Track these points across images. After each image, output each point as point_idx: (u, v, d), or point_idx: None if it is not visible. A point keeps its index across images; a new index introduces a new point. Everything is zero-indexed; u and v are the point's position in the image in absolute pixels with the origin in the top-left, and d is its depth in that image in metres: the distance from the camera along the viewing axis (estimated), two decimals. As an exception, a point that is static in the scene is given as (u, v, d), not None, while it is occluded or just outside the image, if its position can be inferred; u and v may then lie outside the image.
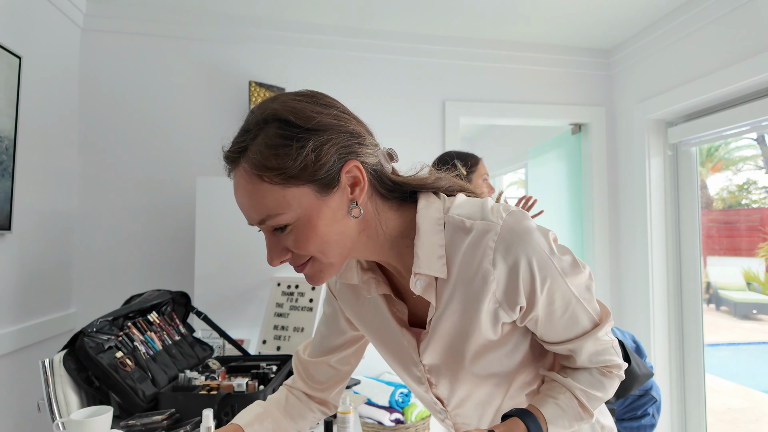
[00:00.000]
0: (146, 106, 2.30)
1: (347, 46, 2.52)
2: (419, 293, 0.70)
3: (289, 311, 1.82)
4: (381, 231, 0.70)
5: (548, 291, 0.68)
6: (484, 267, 0.66)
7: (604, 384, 0.75)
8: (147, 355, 1.30)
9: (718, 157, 6.83)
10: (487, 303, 0.68)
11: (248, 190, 0.64)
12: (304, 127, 0.63)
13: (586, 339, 0.73)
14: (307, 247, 0.65)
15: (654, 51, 2.48)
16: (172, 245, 2.27)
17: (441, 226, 0.69)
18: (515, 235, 0.66)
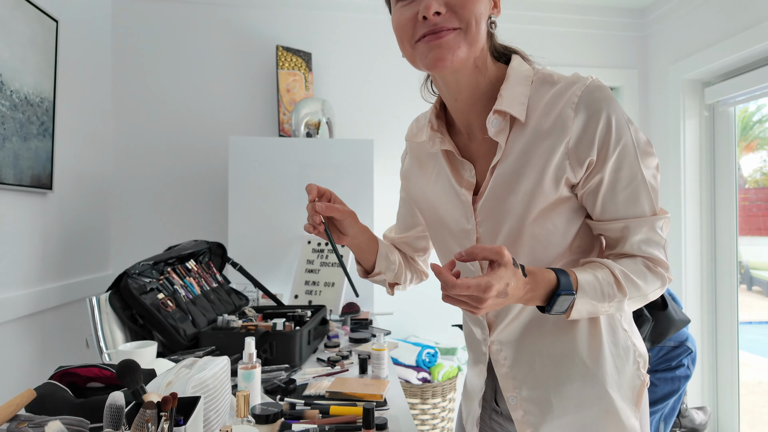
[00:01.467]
0: (176, 69, 2.34)
1: (372, 9, 2.50)
2: (492, 134, 0.73)
3: (319, 267, 1.85)
4: (485, 69, 0.76)
5: (619, 154, 0.70)
6: (566, 112, 0.69)
7: (646, 275, 0.72)
8: (186, 298, 1.34)
9: (753, 136, 6.58)
10: (558, 153, 0.70)
11: None
12: None
13: (643, 222, 0.72)
14: (469, 7, 0.68)
15: (690, 8, 2.39)
16: (206, 205, 2.32)
17: (529, 81, 0.74)
18: (602, 92, 0.69)
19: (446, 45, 0.68)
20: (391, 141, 2.50)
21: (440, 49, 0.68)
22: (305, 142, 2.08)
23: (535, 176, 0.71)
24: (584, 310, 0.69)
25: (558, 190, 0.71)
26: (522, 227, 0.73)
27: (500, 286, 0.61)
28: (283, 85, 2.36)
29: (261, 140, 2.05)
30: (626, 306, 0.72)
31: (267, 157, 2.02)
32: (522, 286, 0.65)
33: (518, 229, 0.73)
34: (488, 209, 0.76)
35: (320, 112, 2.25)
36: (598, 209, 0.73)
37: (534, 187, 0.71)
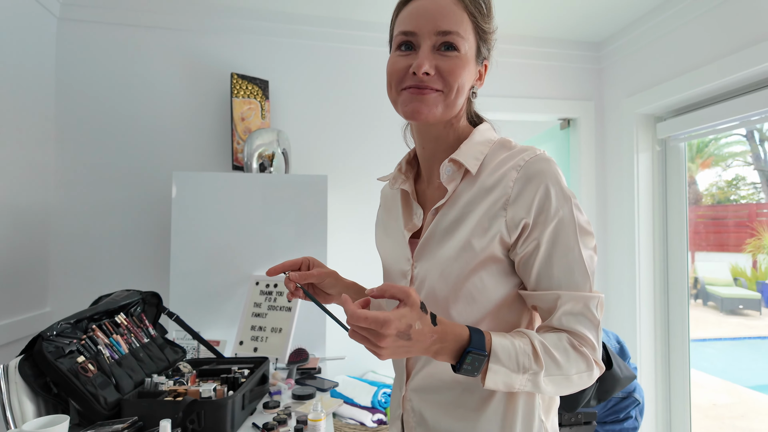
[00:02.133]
0: (124, 98, 2.22)
1: (334, 38, 2.46)
2: (443, 180, 0.78)
3: (267, 311, 1.76)
4: (457, 124, 0.83)
5: (557, 225, 0.72)
6: (510, 173, 0.74)
7: (568, 352, 0.70)
8: (111, 360, 1.24)
9: (708, 153, 6.85)
10: (496, 209, 0.73)
11: (452, 9, 0.76)
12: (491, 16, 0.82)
13: (576, 296, 0.72)
14: (454, 74, 0.75)
15: (643, 44, 2.44)
16: (149, 241, 2.20)
17: (490, 143, 0.81)
18: (548, 164, 0.73)
19: (426, 102, 0.76)
20: (346, 176, 2.45)
21: (420, 104, 0.76)
22: (255, 177, 2.00)
23: (471, 227, 0.74)
24: (499, 380, 0.67)
25: (491, 244, 0.73)
26: (454, 275, 0.75)
27: (400, 325, 0.61)
28: (238, 114, 2.28)
29: (206, 175, 1.96)
30: (543, 383, 0.69)
31: (214, 192, 1.93)
32: (428, 333, 0.64)
33: (450, 276, 0.75)
34: (424, 252, 0.79)
35: (275, 143, 2.18)
36: (533, 277, 0.74)
37: (469, 237, 0.74)
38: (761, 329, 5.55)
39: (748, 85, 2.01)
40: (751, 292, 5.99)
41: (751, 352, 5.42)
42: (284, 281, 0.87)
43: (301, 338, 1.81)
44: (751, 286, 6.06)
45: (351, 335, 0.63)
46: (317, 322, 1.90)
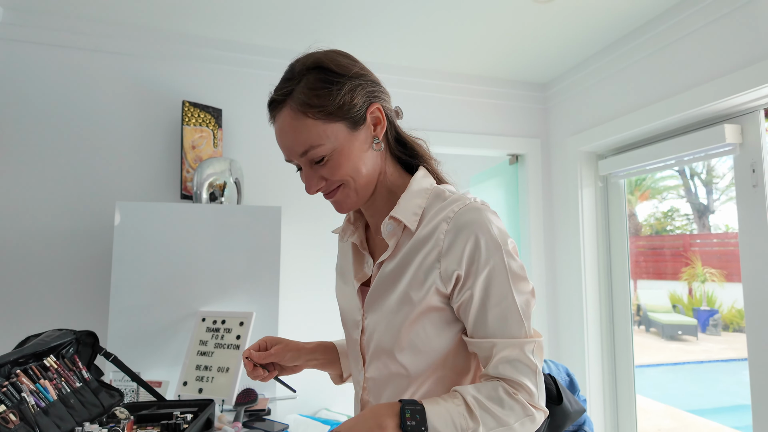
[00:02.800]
0: (66, 123, 2.12)
1: (287, 69, 2.46)
2: (385, 236, 0.79)
3: (213, 349, 1.68)
4: (385, 178, 0.83)
5: (489, 274, 0.73)
6: (441, 225, 0.75)
7: (503, 401, 0.71)
8: (37, 408, 1.14)
9: (646, 186, 7.30)
10: (430, 261, 0.74)
11: (293, 126, 0.75)
12: (340, 73, 0.77)
13: (511, 343, 0.72)
14: (340, 172, 0.77)
15: (585, 87, 2.59)
16: (88, 275, 2.07)
17: (427, 194, 0.81)
18: (478, 214, 0.74)
19: (338, 200, 0.81)
20: (301, 209, 2.42)
21: (335, 204, 0.82)
22: (204, 207, 1.94)
23: (410, 278, 0.76)
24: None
25: (428, 296, 0.75)
26: (396, 326, 0.77)
27: None
28: (188, 142, 2.23)
29: (152, 205, 1.88)
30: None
31: (160, 222, 1.85)
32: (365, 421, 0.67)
33: (393, 327, 0.77)
34: (373, 303, 0.81)
35: (227, 172, 2.13)
36: (470, 325, 0.75)
37: (408, 289, 0.76)
38: (698, 354, 5.84)
39: (681, 126, 2.17)
40: (688, 318, 6.33)
41: (690, 376, 5.68)
42: (243, 362, 0.88)
43: (249, 378, 1.73)
44: (688, 312, 6.41)
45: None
46: (268, 359, 1.82)
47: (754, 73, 1.72)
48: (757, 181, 1.85)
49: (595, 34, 2.26)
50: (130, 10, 2.07)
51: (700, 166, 5.40)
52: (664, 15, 2.06)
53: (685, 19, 1.99)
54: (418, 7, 2.03)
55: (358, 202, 0.81)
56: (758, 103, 1.85)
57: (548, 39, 2.32)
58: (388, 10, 2.06)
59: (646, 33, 2.16)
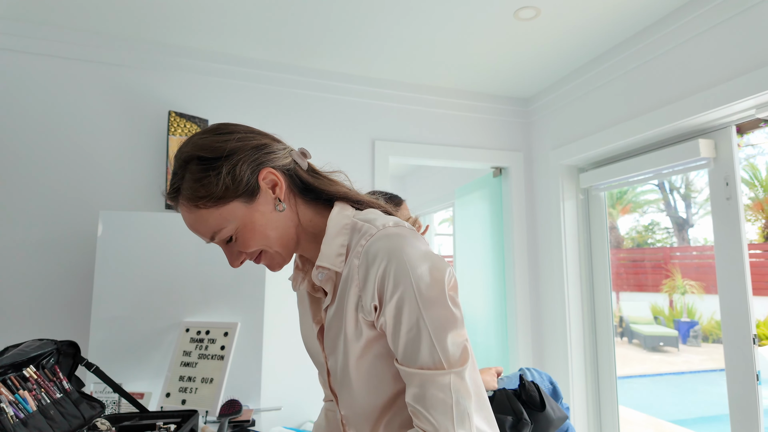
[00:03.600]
0: (52, 132, 2.10)
1: (276, 81, 2.49)
2: (320, 284, 0.79)
3: (197, 360, 1.67)
4: (303, 226, 0.84)
5: (398, 301, 0.71)
6: (353, 262, 0.75)
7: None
8: (16, 419, 1.12)
9: (627, 200, 7.43)
10: (354, 297, 0.75)
11: (192, 218, 0.77)
12: (214, 157, 0.76)
13: (421, 375, 0.69)
14: (252, 244, 0.78)
15: (567, 102, 2.66)
16: (69, 284, 2.04)
17: (347, 229, 0.79)
18: (386, 241, 0.73)
19: (265, 263, 0.83)
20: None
21: (267, 266, 0.84)
22: (191, 217, 1.93)
23: (347, 317, 0.76)
24: None
25: (362, 332, 0.76)
26: (349, 365, 0.77)
27: None
28: (174, 152, 2.22)
29: (136, 215, 1.87)
30: None
31: (144, 232, 1.84)
32: None
33: (348, 366, 0.77)
34: (328, 345, 0.82)
35: (212, 182, 2.13)
36: (392, 351, 0.76)
37: (347, 327, 0.76)
38: (679, 365, 5.92)
39: (660, 141, 2.24)
40: (669, 330, 6.43)
41: (671, 387, 5.75)
42: None
43: (233, 389, 1.72)
44: (669, 323, 6.52)
45: None
46: (251, 371, 1.81)
47: (727, 91, 1.80)
48: (731, 194, 1.91)
49: (575, 51, 2.33)
50: (118, 21, 2.07)
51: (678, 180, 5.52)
52: (641, 33, 2.14)
53: (661, 38, 2.07)
54: (405, 24, 2.08)
55: (285, 258, 0.83)
56: (731, 119, 1.92)
57: (530, 55, 2.38)
58: (374, 25, 2.10)
59: (625, 51, 2.23)
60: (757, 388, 1.80)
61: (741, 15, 1.76)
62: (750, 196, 5.09)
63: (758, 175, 5.08)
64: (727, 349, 1.91)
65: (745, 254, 1.85)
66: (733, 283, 1.88)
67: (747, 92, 1.73)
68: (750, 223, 5.02)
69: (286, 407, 2.12)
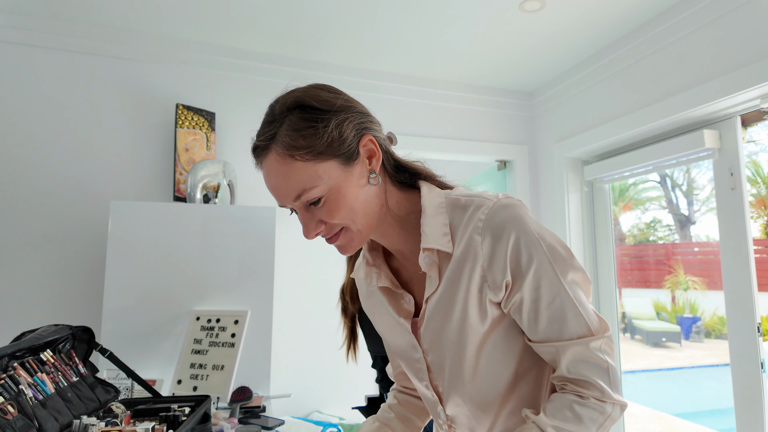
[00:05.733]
0: (60, 124, 2.13)
1: (282, 75, 2.50)
2: (425, 269, 0.73)
3: (208, 347, 1.69)
4: (390, 208, 0.77)
5: (535, 273, 0.68)
6: (474, 238, 0.70)
7: (580, 416, 0.67)
8: (35, 400, 1.14)
9: (629, 197, 7.42)
10: (477, 278, 0.70)
11: (282, 171, 0.69)
12: (324, 109, 0.70)
13: (574, 344, 0.68)
14: (339, 214, 0.71)
15: (571, 94, 2.68)
16: (81, 274, 2.06)
17: (443, 208, 0.75)
18: (506, 211, 0.70)
19: (340, 244, 0.75)
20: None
21: (339, 248, 0.76)
22: (198, 207, 1.96)
23: (462, 303, 0.72)
24: None
25: (486, 314, 0.71)
26: (464, 355, 0.73)
27: None
28: (181, 144, 2.24)
29: (146, 205, 1.89)
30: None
31: (154, 223, 1.86)
32: None
33: (461, 357, 0.73)
34: (430, 338, 0.76)
35: (221, 174, 2.15)
36: (526, 329, 0.71)
37: (463, 314, 0.72)
38: (681, 360, 5.94)
39: (662, 133, 2.25)
40: (671, 326, 6.44)
41: (674, 381, 5.76)
42: None
43: (243, 376, 1.73)
44: (672, 319, 6.53)
45: None
46: (261, 359, 1.83)
47: (731, 81, 1.81)
48: (735, 184, 1.93)
49: (580, 43, 2.35)
50: (126, 15, 2.09)
51: (681, 177, 5.52)
52: (646, 25, 2.15)
53: (666, 29, 2.08)
54: (409, 17, 2.10)
55: (362, 242, 0.75)
56: (735, 109, 1.94)
57: (535, 48, 2.39)
58: (379, 19, 2.11)
59: (629, 42, 2.25)
60: (762, 381, 1.81)
61: (745, 6, 1.77)
62: (753, 193, 5.10)
63: (761, 172, 5.08)
64: (732, 341, 1.93)
65: (750, 245, 1.87)
66: (738, 274, 1.89)
67: (751, 82, 1.74)
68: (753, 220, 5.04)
69: (294, 397, 2.14)
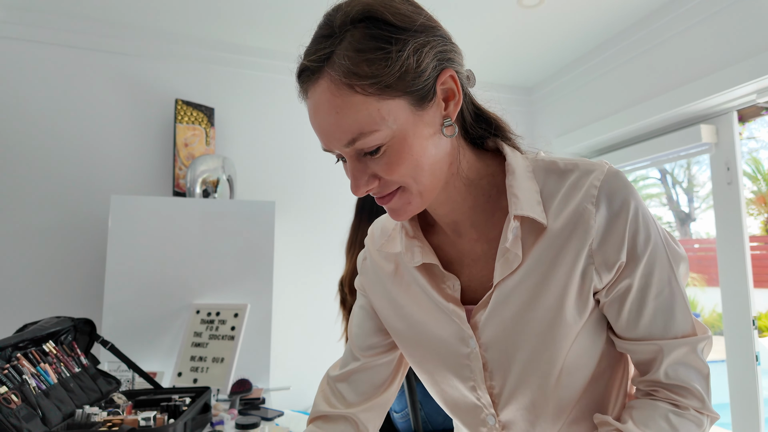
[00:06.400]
0: (60, 119, 2.14)
1: (282, 70, 2.51)
2: (509, 244, 0.58)
3: (208, 340, 1.70)
4: (461, 167, 0.61)
5: (650, 256, 0.57)
6: (586, 208, 0.56)
7: (677, 429, 0.57)
8: (38, 390, 1.15)
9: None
10: (582, 259, 0.56)
11: (336, 105, 0.52)
12: (402, 26, 0.53)
13: (681, 343, 0.58)
14: (400, 170, 0.55)
15: (570, 90, 2.68)
16: (82, 267, 2.08)
17: (531, 172, 0.61)
18: (622, 180, 0.57)
19: (393, 207, 0.59)
20: (294, 203, 2.46)
21: (392, 211, 0.59)
22: (198, 202, 1.97)
23: (560, 290, 0.58)
24: None
25: (587, 304, 0.58)
26: (550, 354, 0.59)
27: None
28: (181, 140, 2.25)
29: (146, 199, 1.90)
30: None
31: (153, 217, 1.88)
32: None
33: (544, 356, 0.59)
34: (494, 330, 0.61)
35: (220, 169, 2.16)
36: (623, 321, 0.59)
37: (558, 303, 0.58)
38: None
39: (660, 128, 2.26)
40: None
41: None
42: None
43: (243, 369, 1.75)
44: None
45: None
46: (260, 352, 1.85)
47: (728, 76, 1.82)
48: (732, 179, 1.94)
49: (578, 38, 2.35)
50: (125, 10, 2.10)
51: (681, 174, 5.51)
52: (643, 20, 2.16)
53: (663, 24, 2.09)
54: (409, 11, 2.10)
55: (420, 208, 0.59)
56: (732, 104, 1.95)
57: (534, 44, 2.40)
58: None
59: (627, 38, 2.25)
60: (757, 377, 1.83)
61: (741, 1, 1.78)
62: (753, 190, 5.10)
63: (761, 169, 5.08)
64: (728, 336, 1.94)
65: (746, 240, 1.88)
66: (734, 269, 1.91)
67: (748, 77, 1.75)
68: (753, 218, 5.04)
69: (293, 390, 2.16)
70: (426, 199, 0.59)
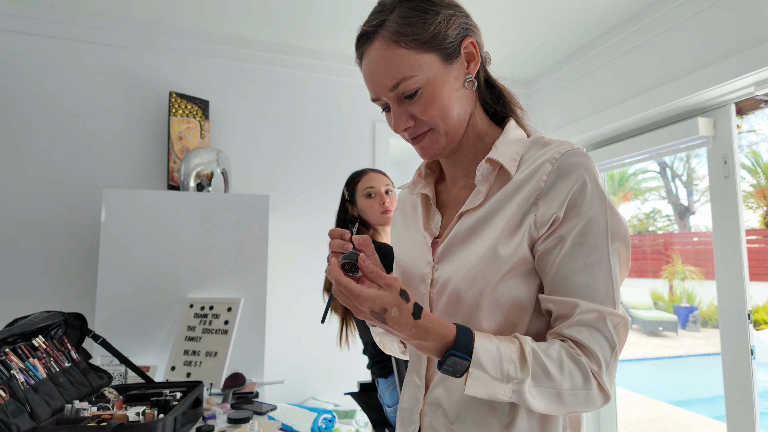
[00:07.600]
0: (53, 112, 2.12)
1: (276, 63, 2.49)
2: (477, 180, 0.73)
3: (201, 335, 1.70)
4: (474, 121, 0.78)
5: (588, 222, 0.66)
6: (544, 164, 0.69)
7: (563, 363, 0.62)
8: (26, 385, 1.15)
9: (628, 188, 7.38)
10: (528, 204, 0.68)
11: (385, 57, 0.71)
12: (434, 1, 0.73)
13: (595, 310, 0.64)
14: (431, 111, 0.72)
15: (567, 83, 2.66)
16: (74, 261, 2.07)
17: (522, 142, 0.75)
18: (585, 158, 0.68)
19: (424, 146, 0.76)
20: (289, 197, 2.45)
21: (422, 150, 0.77)
22: (192, 196, 1.96)
23: (500, 229, 0.69)
24: (480, 388, 0.61)
25: (520, 246, 0.67)
26: (479, 284, 0.68)
27: (374, 305, 0.61)
28: (175, 132, 2.24)
29: (139, 193, 1.89)
30: (529, 395, 0.62)
31: (147, 211, 1.86)
32: (406, 325, 0.62)
33: (474, 281, 0.69)
34: (447, 255, 0.74)
35: (214, 162, 2.15)
36: (549, 277, 0.67)
37: (496, 243, 0.68)
38: (678, 349, 5.98)
39: (657, 121, 2.24)
40: (668, 315, 6.48)
41: (669, 370, 5.81)
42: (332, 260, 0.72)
43: (237, 363, 1.75)
44: (669, 309, 6.57)
45: (334, 293, 0.65)
46: (254, 346, 1.85)
47: (725, 69, 1.80)
48: (729, 172, 1.92)
49: (575, 32, 2.33)
50: (119, 2, 2.08)
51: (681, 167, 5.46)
52: (641, 12, 2.14)
53: (660, 17, 2.06)
54: (404, 2, 2.08)
55: (446, 147, 0.76)
56: (729, 97, 1.93)
57: (531, 36, 2.38)
58: (372, 6, 2.09)
59: (625, 30, 2.23)
60: (752, 370, 1.82)
61: (742, -9, 1.76)
62: (752, 183, 5.09)
63: (760, 162, 5.06)
64: (723, 328, 1.94)
65: (743, 233, 1.87)
66: (730, 262, 1.90)
67: (745, 69, 1.73)
68: (752, 211, 5.03)
69: (288, 382, 2.16)
70: (450, 139, 0.75)
